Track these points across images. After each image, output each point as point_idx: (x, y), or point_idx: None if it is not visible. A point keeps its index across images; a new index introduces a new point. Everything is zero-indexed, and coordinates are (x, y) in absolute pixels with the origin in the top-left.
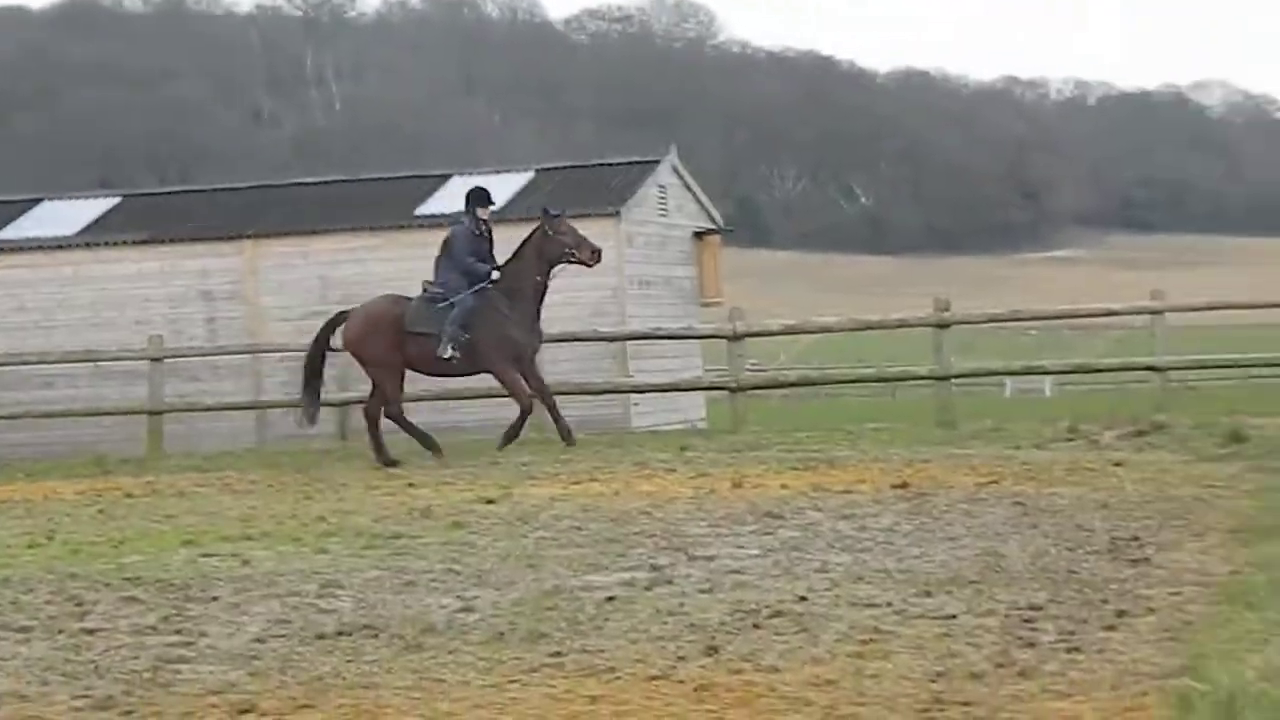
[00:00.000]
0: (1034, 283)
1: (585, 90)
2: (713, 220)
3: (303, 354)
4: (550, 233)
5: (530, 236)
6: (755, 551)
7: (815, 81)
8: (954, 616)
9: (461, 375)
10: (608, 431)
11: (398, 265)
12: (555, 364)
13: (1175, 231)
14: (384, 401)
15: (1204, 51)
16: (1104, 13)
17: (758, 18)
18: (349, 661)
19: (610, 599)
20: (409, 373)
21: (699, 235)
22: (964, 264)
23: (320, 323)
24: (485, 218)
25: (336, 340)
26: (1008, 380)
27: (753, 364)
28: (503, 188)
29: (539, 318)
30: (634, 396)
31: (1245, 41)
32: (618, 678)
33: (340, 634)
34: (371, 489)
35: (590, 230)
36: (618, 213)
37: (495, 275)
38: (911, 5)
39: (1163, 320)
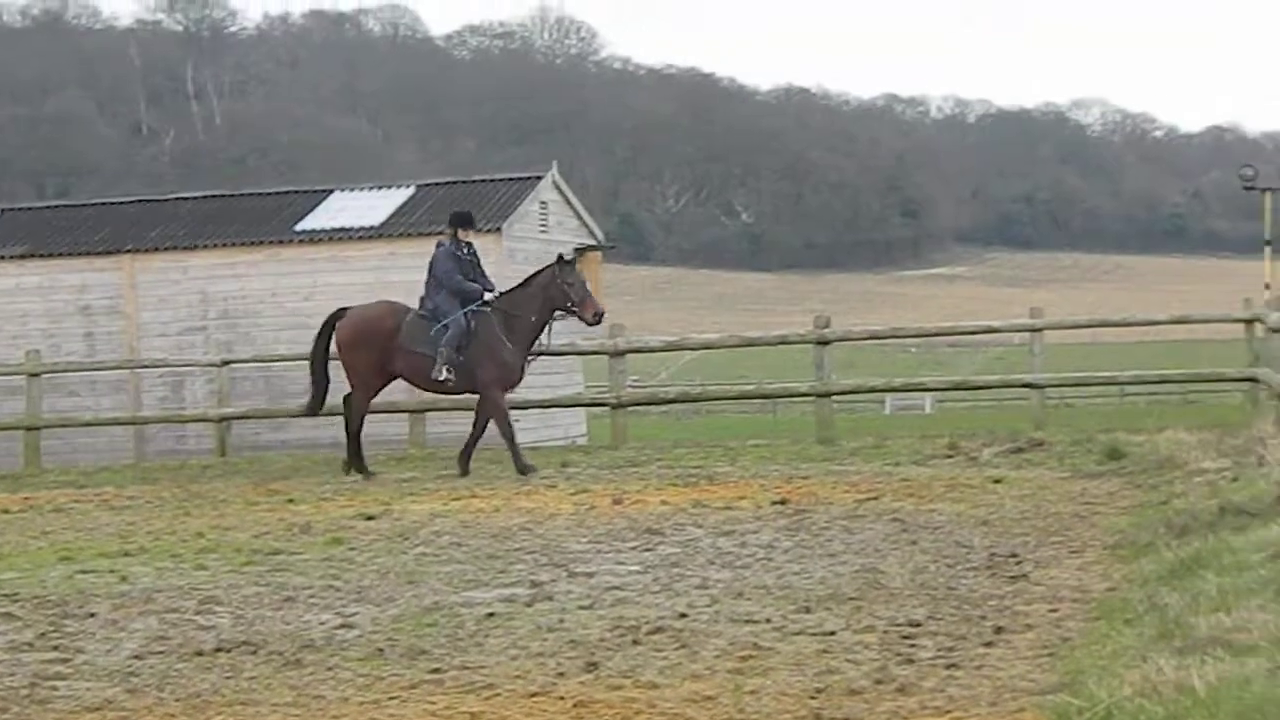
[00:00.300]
0: (914, 300)
1: (467, 106)
2: (594, 236)
3: (181, 369)
4: (559, 278)
5: (541, 272)
6: (635, 568)
7: (697, 98)
8: (833, 633)
9: (456, 394)
10: (488, 447)
11: (278, 280)
12: None
13: (1054, 249)
14: (348, 406)
15: (1083, 70)
16: (983, 31)
17: (639, 34)
18: (228, 678)
19: (490, 615)
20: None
21: (580, 251)
22: (845, 281)
23: (198, 339)
24: (467, 239)
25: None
26: (888, 397)
27: (634, 380)
28: (383, 204)
29: (529, 352)
30: (515, 412)
31: (1124, 60)
32: (497, 694)
33: (219, 651)
34: (251, 505)
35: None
36: (499, 229)
37: (489, 296)
38: (792, 22)
39: (1041, 338)
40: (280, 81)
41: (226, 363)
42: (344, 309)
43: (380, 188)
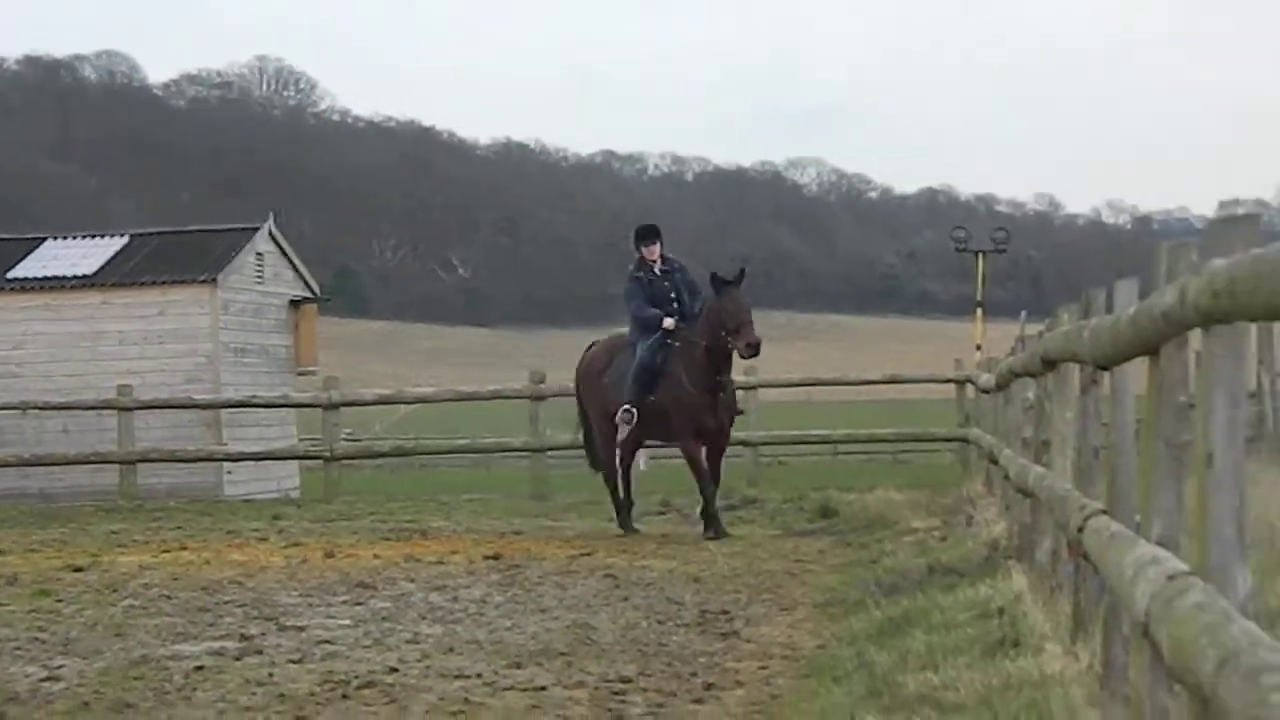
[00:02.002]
0: None
1: (183, 156)
2: (310, 289)
3: None
4: (718, 301)
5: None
6: (346, 622)
7: (415, 151)
8: (544, 688)
9: (660, 441)
10: (200, 499)
11: None
12: (148, 430)
13: (770, 307)
14: (596, 447)
15: (799, 130)
16: (700, 90)
17: (359, 86)
18: None
19: (199, 668)
20: None
21: (295, 303)
22: (561, 336)
23: None
24: (653, 257)
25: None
26: None
27: (347, 433)
28: (96, 253)
29: (720, 388)
30: (227, 464)
31: (841, 121)
32: None
33: None
34: None
35: (185, 296)
36: (214, 280)
37: (668, 322)
38: (511, 77)
39: (755, 395)
40: None
41: None
42: (595, 342)
43: (94, 236)
